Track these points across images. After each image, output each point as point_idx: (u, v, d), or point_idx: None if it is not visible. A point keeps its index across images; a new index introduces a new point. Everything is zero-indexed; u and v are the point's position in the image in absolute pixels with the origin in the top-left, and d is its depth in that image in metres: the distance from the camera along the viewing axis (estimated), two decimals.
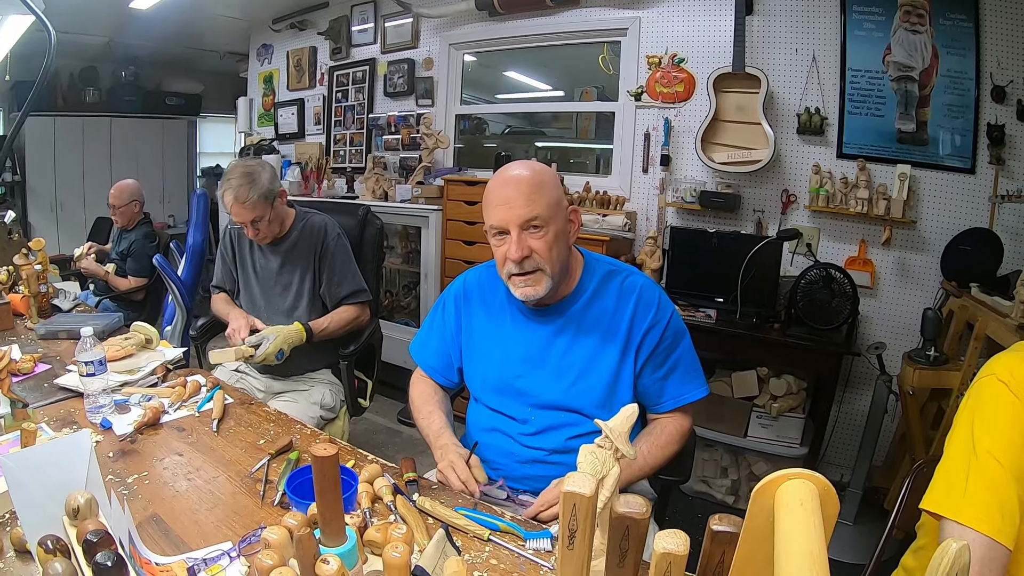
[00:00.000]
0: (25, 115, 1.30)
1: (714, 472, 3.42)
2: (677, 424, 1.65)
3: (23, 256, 2.81)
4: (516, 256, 1.49)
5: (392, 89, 5.10)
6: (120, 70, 7.36)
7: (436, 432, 1.67)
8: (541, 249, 1.50)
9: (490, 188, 1.56)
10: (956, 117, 3.05)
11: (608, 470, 0.98)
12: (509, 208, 1.49)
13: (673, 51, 3.70)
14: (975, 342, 2.60)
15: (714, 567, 0.80)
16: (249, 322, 2.40)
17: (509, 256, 1.51)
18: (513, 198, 1.49)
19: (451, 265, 4.22)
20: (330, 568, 0.89)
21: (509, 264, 1.52)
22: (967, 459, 1.06)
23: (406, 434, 4.03)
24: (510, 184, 1.51)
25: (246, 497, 1.41)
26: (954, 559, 0.62)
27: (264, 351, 2.23)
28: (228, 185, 2.30)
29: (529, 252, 1.50)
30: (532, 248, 1.50)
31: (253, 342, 2.26)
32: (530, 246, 1.50)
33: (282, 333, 2.29)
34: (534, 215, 1.48)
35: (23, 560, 1.15)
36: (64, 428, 1.70)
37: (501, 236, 1.54)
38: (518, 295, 1.57)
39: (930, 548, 1.21)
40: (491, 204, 1.54)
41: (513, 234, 1.50)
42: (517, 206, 1.48)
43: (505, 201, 1.50)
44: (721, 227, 3.54)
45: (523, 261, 1.50)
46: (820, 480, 0.71)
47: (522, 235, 1.50)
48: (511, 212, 1.49)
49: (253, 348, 2.24)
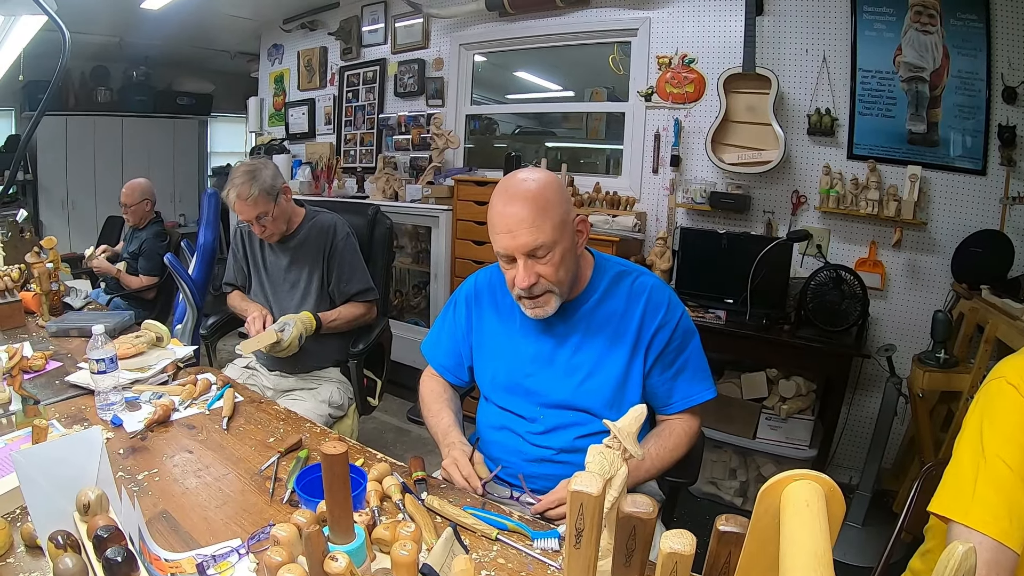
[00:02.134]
0: (40, 115, 1.30)
1: (723, 473, 3.42)
2: (686, 425, 1.65)
3: (35, 254, 2.82)
4: (524, 285, 1.49)
5: (402, 89, 5.11)
6: (131, 70, 7.39)
7: (444, 430, 1.68)
8: (548, 273, 1.49)
9: (494, 211, 1.51)
10: (967, 118, 3.04)
11: (616, 470, 0.98)
12: (513, 237, 1.46)
13: (683, 51, 3.70)
14: (985, 344, 2.58)
15: (720, 567, 0.80)
16: (264, 314, 2.46)
17: (517, 283, 1.50)
18: (515, 227, 1.45)
19: (461, 265, 4.23)
20: (338, 565, 0.89)
21: (518, 289, 1.52)
22: (976, 462, 1.05)
23: (415, 433, 4.04)
24: (515, 205, 1.46)
25: (255, 494, 1.42)
26: (960, 562, 0.62)
27: (289, 335, 2.30)
28: (231, 184, 2.35)
29: (536, 279, 1.49)
30: (540, 274, 1.49)
31: (277, 327, 2.32)
32: (537, 272, 1.49)
33: (298, 319, 2.36)
34: (539, 243, 1.45)
35: (34, 555, 1.16)
36: (75, 425, 1.72)
37: (508, 262, 1.53)
38: (528, 315, 1.58)
39: (938, 551, 1.20)
40: (496, 230, 1.50)
41: (520, 263, 1.48)
42: (521, 235, 1.45)
43: (508, 230, 1.46)
44: (731, 228, 3.53)
45: (531, 287, 1.50)
46: (826, 481, 0.71)
47: (528, 262, 1.48)
48: (515, 241, 1.46)
49: (279, 332, 2.30)
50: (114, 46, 6.62)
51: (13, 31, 1.84)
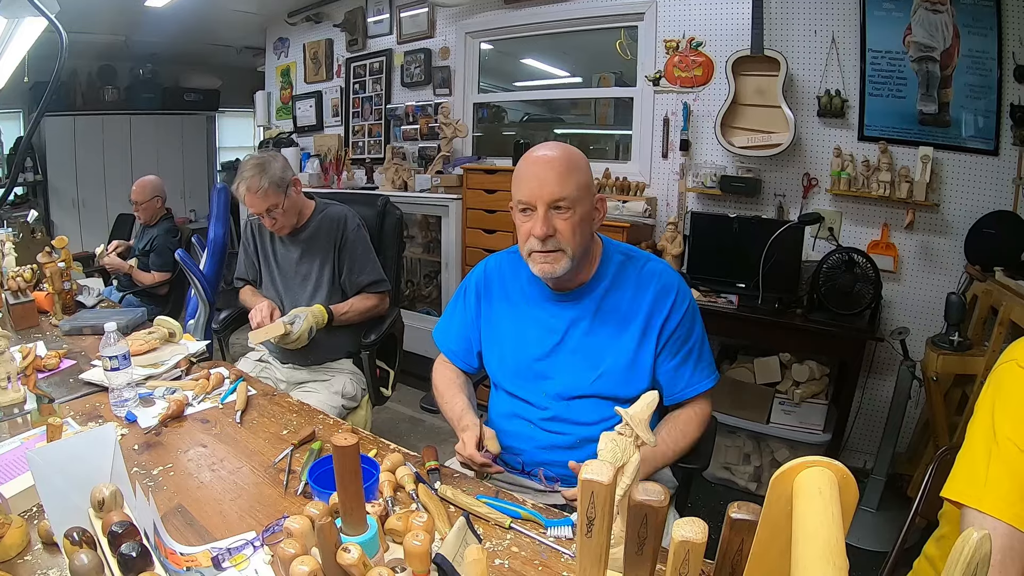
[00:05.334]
0: (40, 116, 1.31)
1: (736, 459, 3.41)
2: (697, 412, 1.65)
3: (46, 254, 2.84)
4: (540, 233, 1.49)
5: (409, 79, 5.11)
6: (138, 68, 7.43)
7: (459, 414, 1.68)
8: (565, 230, 1.50)
9: (522, 164, 1.56)
10: (979, 98, 3.00)
11: (628, 457, 0.98)
12: (540, 185, 1.49)
13: (691, 35, 3.67)
14: (999, 327, 2.56)
15: (733, 555, 0.79)
16: (271, 307, 2.47)
17: (533, 232, 1.51)
18: (545, 175, 1.49)
19: (471, 254, 4.23)
20: (351, 556, 0.90)
21: (532, 240, 1.52)
22: (988, 447, 1.04)
23: (428, 423, 4.06)
24: (543, 162, 1.52)
25: (269, 487, 1.43)
26: (975, 548, 0.62)
27: (300, 328, 2.31)
28: (241, 177, 2.36)
29: (553, 231, 1.50)
30: (557, 228, 1.50)
31: (287, 320, 2.33)
32: (555, 225, 1.50)
33: (310, 312, 2.37)
34: (563, 195, 1.48)
35: (50, 552, 1.17)
36: (89, 422, 1.73)
37: (527, 212, 1.54)
38: (536, 271, 1.57)
39: (952, 537, 1.19)
40: (521, 179, 1.54)
41: (540, 211, 1.50)
42: (548, 183, 1.48)
43: (536, 177, 1.50)
44: (742, 212, 3.51)
45: (546, 239, 1.50)
46: (839, 468, 0.70)
47: (548, 213, 1.50)
48: (541, 189, 1.49)
49: (288, 325, 2.31)
50: (120, 45, 6.65)
51: (17, 33, 1.84)
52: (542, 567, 1.16)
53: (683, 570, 0.79)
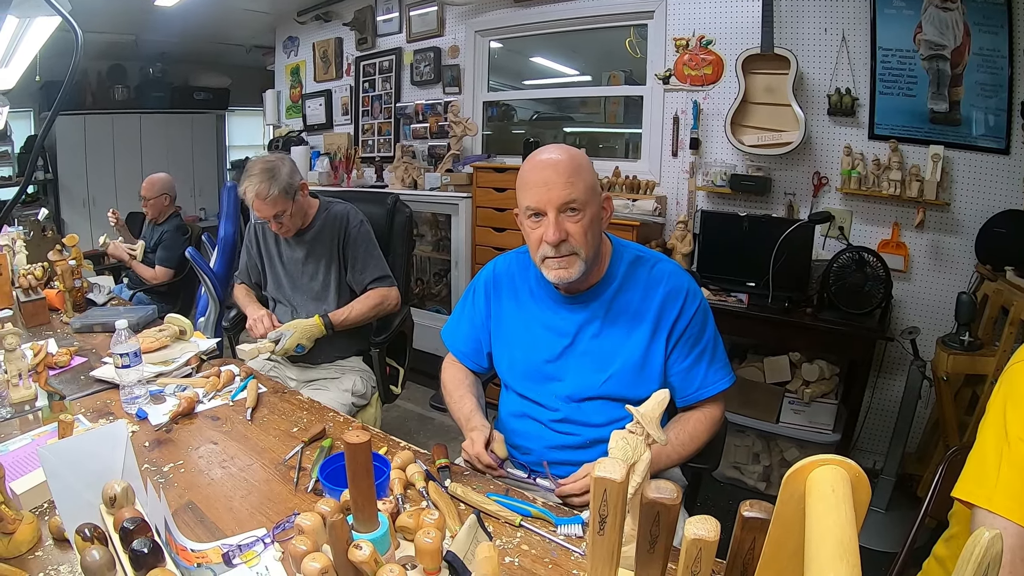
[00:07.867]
0: (55, 115, 1.30)
1: (746, 458, 3.41)
2: (708, 413, 1.64)
3: (57, 252, 2.86)
4: (553, 239, 1.47)
5: (419, 78, 5.11)
6: (148, 67, 7.46)
7: (467, 415, 1.67)
8: (577, 233, 1.49)
9: (526, 169, 1.55)
10: (989, 96, 2.98)
11: (639, 456, 0.98)
12: (548, 189, 1.47)
13: (700, 33, 3.66)
14: (1010, 327, 2.55)
15: (744, 553, 0.79)
16: (271, 317, 2.49)
17: (546, 239, 1.49)
18: (551, 179, 1.47)
19: (481, 252, 4.24)
20: (362, 553, 0.90)
21: (544, 247, 1.51)
22: (999, 447, 1.03)
23: (438, 421, 4.06)
24: (548, 166, 1.50)
25: (280, 484, 1.43)
26: (986, 548, 0.61)
27: (283, 346, 2.31)
28: (249, 182, 2.33)
29: (566, 235, 1.48)
30: (568, 231, 1.49)
31: (273, 337, 2.34)
32: (566, 229, 1.48)
33: (300, 328, 2.36)
34: (572, 198, 1.47)
35: (61, 548, 1.18)
36: (100, 419, 1.74)
37: (536, 218, 1.52)
38: (551, 277, 1.55)
39: (962, 537, 1.19)
40: (528, 185, 1.52)
41: (551, 216, 1.48)
42: (556, 188, 1.46)
43: (543, 182, 1.48)
44: (752, 211, 3.50)
45: (559, 244, 1.49)
46: (852, 466, 0.70)
47: (559, 217, 1.48)
48: (549, 193, 1.47)
49: (273, 343, 2.32)
50: (130, 44, 6.67)
51: (28, 32, 1.84)
52: (552, 565, 1.16)
53: (695, 568, 0.79)
